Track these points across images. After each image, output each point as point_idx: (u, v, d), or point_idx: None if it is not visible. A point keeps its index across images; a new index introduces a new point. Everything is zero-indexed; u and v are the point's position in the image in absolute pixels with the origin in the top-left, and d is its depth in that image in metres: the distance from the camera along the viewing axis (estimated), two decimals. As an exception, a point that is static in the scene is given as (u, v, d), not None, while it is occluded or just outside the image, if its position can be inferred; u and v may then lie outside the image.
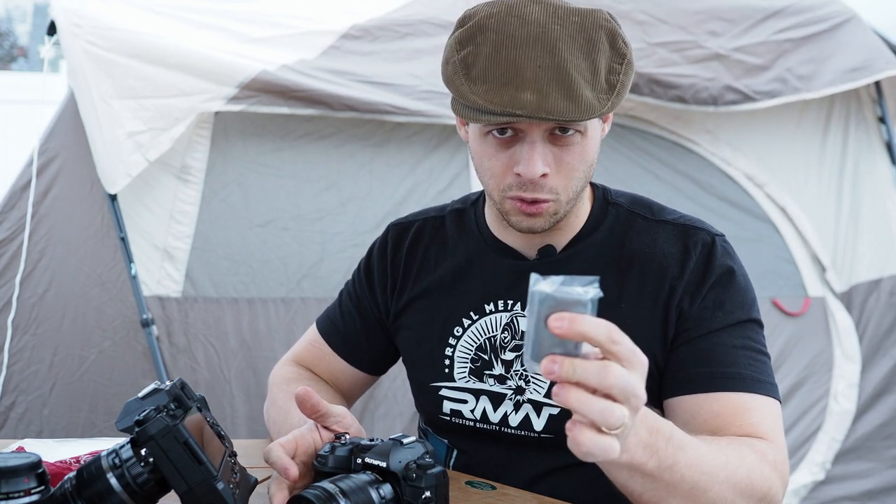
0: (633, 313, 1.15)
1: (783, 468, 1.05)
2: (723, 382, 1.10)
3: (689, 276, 1.15)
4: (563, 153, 1.10)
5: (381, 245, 1.37)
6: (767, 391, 1.11)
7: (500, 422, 1.21)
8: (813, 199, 2.98)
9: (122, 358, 2.45)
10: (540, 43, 1.04)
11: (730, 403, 1.09)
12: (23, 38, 22.86)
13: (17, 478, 0.81)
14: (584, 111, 1.03)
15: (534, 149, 1.08)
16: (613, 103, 1.07)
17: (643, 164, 2.87)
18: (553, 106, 1.02)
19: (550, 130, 1.09)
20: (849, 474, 2.92)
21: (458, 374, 1.24)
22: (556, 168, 1.10)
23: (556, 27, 1.05)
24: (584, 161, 1.12)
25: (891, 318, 3.00)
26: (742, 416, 1.07)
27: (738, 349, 1.12)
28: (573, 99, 1.03)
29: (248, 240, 2.55)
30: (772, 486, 1.01)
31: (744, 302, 1.15)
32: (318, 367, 1.40)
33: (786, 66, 2.83)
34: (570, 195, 1.13)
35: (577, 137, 1.10)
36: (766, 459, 1.03)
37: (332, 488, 0.87)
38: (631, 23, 2.74)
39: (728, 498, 0.96)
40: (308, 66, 2.55)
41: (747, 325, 1.14)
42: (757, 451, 1.03)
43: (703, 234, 1.18)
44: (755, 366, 1.12)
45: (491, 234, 1.27)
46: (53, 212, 2.49)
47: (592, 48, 1.06)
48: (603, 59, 1.07)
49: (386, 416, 2.57)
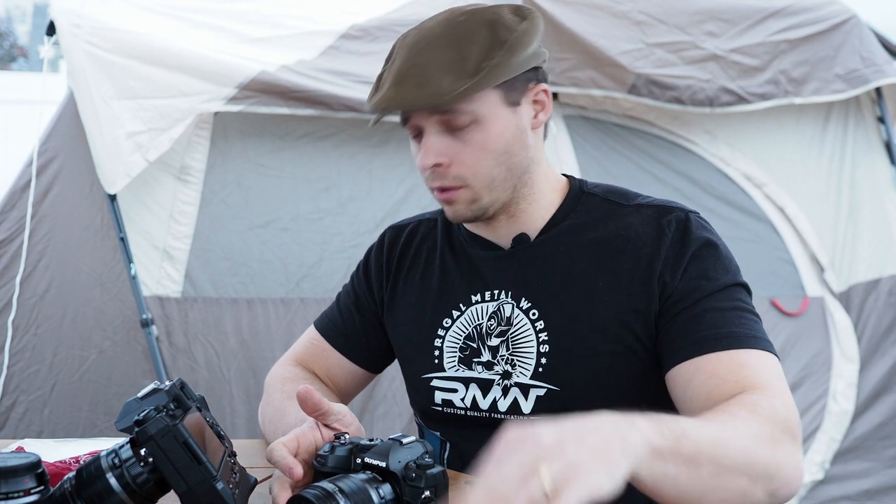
0: (611, 292, 1.17)
1: (784, 414, 1.00)
2: (715, 343, 1.09)
3: (666, 251, 1.16)
4: (463, 142, 1.16)
5: (377, 246, 1.41)
6: (761, 346, 1.10)
7: (489, 408, 1.23)
8: (812, 199, 2.99)
9: (122, 358, 2.45)
10: (415, 48, 1.15)
11: (724, 361, 1.08)
12: (23, 38, 22.86)
13: (16, 478, 0.81)
14: (428, 97, 1.12)
15: (426, 141, 1.17)
16: (477, 85, 1.12)
17: (642, 164, 2.87)
18: (405, 97, 1.13)
19: (443, 124, 1.16)
20: (847, 474, 2.92)
21: (448, 364, 1.26)
22: (457, 157, 1.16)
23: (440, 30, 1.16)
24: (489, 148, 1.16)
25: (889, 318, 3.00)
26: (737, 372, 1.06)
27: (727, 311, 1.12)
28: (422, 87, 1.12)
29: (248, 240, 2.55)
30: (773, 432, 0.96)
31: (727, 268, 1.16)
32: (316, 366, 1.41)
33: (780, 67, 2.84)
34: (484, 182, 1.18)
35: (474, 126, 1.15)
36: (758, 406, 0.98)
37: (331, 488, 0.87)
38: (629, 23, 2.74)
39: (745, 448, 0.92)
40: (307, 66, 2.55)
41: (734, 288, 1.15)
42: (744, 404, 0.99)
43: (676, 212, 1.19)
44: (746, 324, 1.11)
45: (466, 229, 1.31)
46: (53, 212, 2.49)
47: (467, 42, 1.13)
48: (477, 48, 1.13)
49: (385, 416, 2.57)
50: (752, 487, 0.92)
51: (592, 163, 2.75)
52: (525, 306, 1.22)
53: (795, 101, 2.88)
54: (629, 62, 2.69)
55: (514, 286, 1.23)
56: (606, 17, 2.71)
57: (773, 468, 0.94)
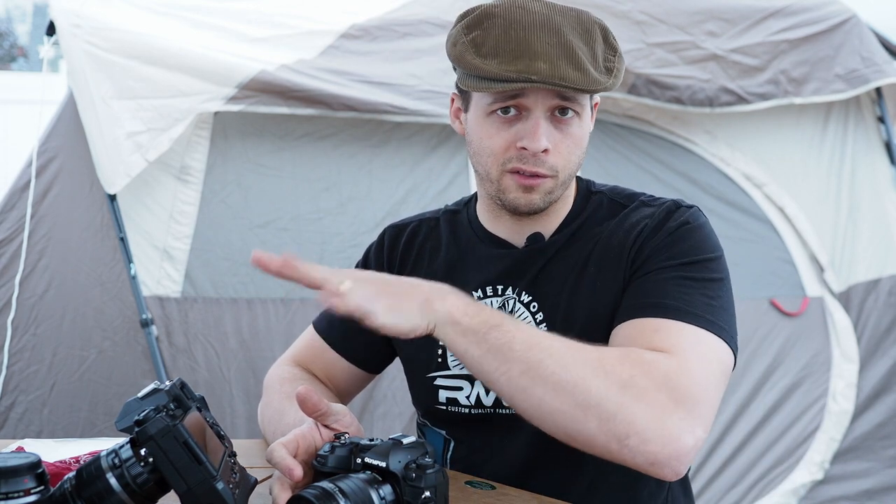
0: (607, 286, 1.18)
1: (670, 373, 0.97)
2: (642, 310, 1.08)
3: (649, 229, 1.18)
4: (563, 134, 1.16)
5: (377, 245, 1.41)
6: (690, 320, 1.05)
7: (493, 404, 1.24)
8: (811, 198, 2.99)
9: (122, 358, 2.45)
10: (546, 27, 1.12)
11: (640, 327, 1.07)
12: (23, 38, 22.88)
13: (16, 478, 0.81)
14: (592, 82, 1.11)
15: (539, 124, 1.14)
16: (612, 83, 1.15)
17: (642, 165, 2.87)
18: (564, 74, 1.10)
19: (552, 110, 1.15)
20: (847, 474, 2.92)
21: (452, 362, 1.27)
22: (557, 147, 1.16)
23: (558, 17, 1.14)
24: (579, 145, 1.19)
25: (889, 318, 3.00)
26: (649, 337, 1.04)
27: (669, 283, 1.10)
28: (581, 70, 1.11)
29: (248, 240, 2.55)
30: (634, 377, 0.95)
31: (700, 246, 1.14)
32: (315, 366, 1.41)
33: (780, 67, 2.85)
34: (566, 176, 1.19)
35: (575, 120, 1.17)
36: (634, 352, 0.99)
37: (331, 488, 0.87)
38: (630, 23, 2.74)
39: (574, 370, 0.95)
40: (307, 65, 2.55)
41: (695, 265, 1.12)
42: (625, 349, 1.01)
43: (669, 203, 1.21)
44: (686, 299, 1.07)
45: (482, 226, 1.31)
46: (53, 212, 2.49)
47: (589, 37, 1.15)
48: (598, 47, 1.16)
49: (385, 416, 2.57)
50: (582, 416, 0.95)
51: (592, 163, 2.75)
52: (528, 301, 1.23)
53: (795, 101, 2.88)
54: (629, 62, 2.69)
55: (520, 283, 1.24)
56: (607, 17, 2.68)
57: (613, 408, 0.94)
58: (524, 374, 0.97)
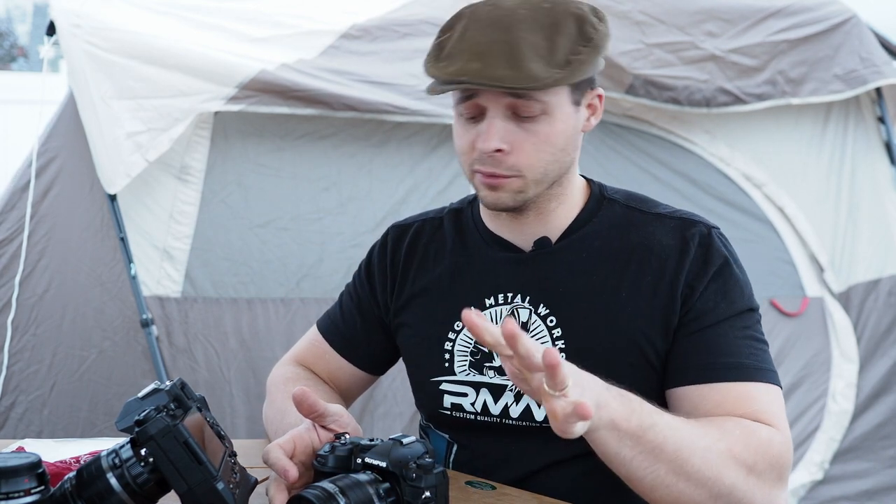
0: (633, 303, 1.17)
1: (779, 450, 1.07)
2: (725, 373, 1.12)
3: (689, 266, 1.17)
4: (527, 132, 1.14)
5: (380, 245, 1.39)
6: (769, 379, 1.13)
7: (500, 413, 1.22)
8: (811, 198, 2.99)
9: (122, 358, 2.45)
10: (500, 24, 1.11)
11: (732, 393, 1.11)
12: (23, 38, 22.88)
13: (17, 478, 0.81)
14: (525, 80, 1.08)
15: (491, 124, 1.13)
16: (565, 78, 1.11)
17: (641, 164, 2.87)
18: (494, 73, 1.08)
19: (511, 108, 1.13)
20: (847, 474, 2.92)
21: (459, 368, 1.25)
22: (519, 146, 1.14)
23: (524, 11, 1.12)
24: (551, 143, 1.15)
25: (889, 318, 3.00)
26: (745, 405, 1.10)
27: (739, 339, 1.14)
28: (517, 69, 1.08)
29: (248, 240, 2.55)
30: (757, 462, 1.03)
31: (744, 292, 1.18)
32: (318, 367, 1.40)
33: (778, 68, 2.85)
34: (537, 175, 1.16)
35: (542, 118, 1.13)
36: (754, 434, 1.06)
37: (331, 488, 0.88)
38: (629, 23, 2.74)
39: (714, 465, 1.00)
40: (307, 65, 2.55)
41: (747, 314, 1.17)
42: (744, 426, 1.06)
43: (700, 227, 1.21)
44: (756, 354, 1.14)
45: (487, 228, 1.29)
46: (53, 212, 2.49)
47: (556, 30, 1.11)
48: (566, 40, 1.11)
49: (386, 416, 2.57)
50: (713, 502, 1.01)
51: (592, 163, 2.75)
52: (543, 312, 1.21)
53: (792, 101, 2.88)
54: (628, 62, 2.70)
55: (531, 291, 1.22)
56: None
57: (738, 494, 1.02)
58: (671, 472, 1.00)
